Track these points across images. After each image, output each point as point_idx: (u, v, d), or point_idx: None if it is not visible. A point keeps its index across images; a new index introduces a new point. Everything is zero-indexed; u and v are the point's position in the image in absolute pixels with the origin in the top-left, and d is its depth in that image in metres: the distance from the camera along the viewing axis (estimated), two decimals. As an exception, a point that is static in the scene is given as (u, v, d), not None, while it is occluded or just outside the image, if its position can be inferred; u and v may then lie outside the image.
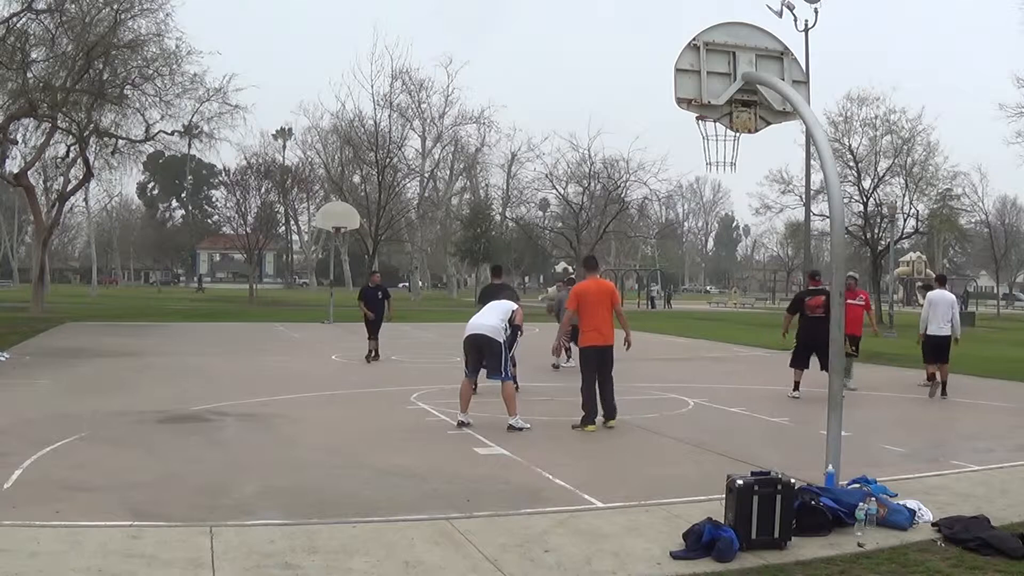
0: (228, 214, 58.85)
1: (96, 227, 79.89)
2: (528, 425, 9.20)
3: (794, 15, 22.17)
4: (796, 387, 12.11)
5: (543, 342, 14.88)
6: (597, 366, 9.44)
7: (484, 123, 53.55)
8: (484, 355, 9.36)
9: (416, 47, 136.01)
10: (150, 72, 31.43)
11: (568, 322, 10.06)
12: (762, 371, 16.56)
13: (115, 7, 29.62)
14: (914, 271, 60.70)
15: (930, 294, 12.91)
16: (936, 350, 12.38)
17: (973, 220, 51.08)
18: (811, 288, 12.62)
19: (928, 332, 12.40)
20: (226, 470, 7.26)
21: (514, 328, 9.69)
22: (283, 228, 77.01)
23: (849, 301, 12.21)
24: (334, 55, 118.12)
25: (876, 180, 36.64)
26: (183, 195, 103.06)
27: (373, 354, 16.64)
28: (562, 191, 48.63)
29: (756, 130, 7.52)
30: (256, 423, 9.67)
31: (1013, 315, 49.73)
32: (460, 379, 9.73)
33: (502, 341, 9.34)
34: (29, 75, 29.72)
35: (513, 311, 9.64)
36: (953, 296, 12.92)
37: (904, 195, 37.58)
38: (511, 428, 9.10)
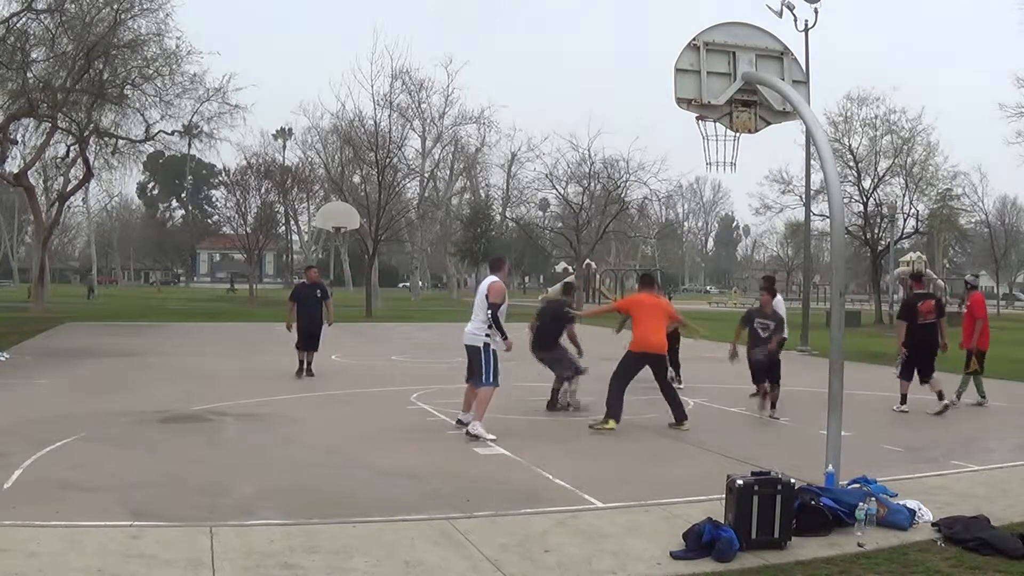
0: (228, 214, 58.85)
1: (96, 227, 79.85)
2: (492, 437, 8.54)
3: (794, 15, 22.09)
4: (903, 400, 11.20)
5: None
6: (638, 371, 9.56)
7: (484, 123, 53.54)
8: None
9: (416, 47, 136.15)
10: (150, 72, 31.46)
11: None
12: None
13: (115, 7, 29.64)
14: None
15: (780, 299, 12.06)
16: None
17: (973, 220, 51.20)
18: (917, 292, 11.82)
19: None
20: (226, 470, 7.26)
21: (491, 306, 8.85)
22: (283, 228, 77.02)
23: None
24: (334, 55, 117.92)
25: (876, 180, 36.68)
26: (183, 195, 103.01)
27: (305, 368, 13.94)
28: (562, 191, 48.63)
29: (756, 130, 7.53)
30: (256, 423, 9.67)
31: (1013, 315, 49.70)
32: (460, 379, 9.73)
33: (481, 345, 8.85)
34: (29, 75, 29.74)
35: (487, 292, 8.95)
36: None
37: (904, 195, 37.63)
38: (468, 434, 8.66)
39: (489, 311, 8.84)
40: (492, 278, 9.18)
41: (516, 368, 11.40)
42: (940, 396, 11.03)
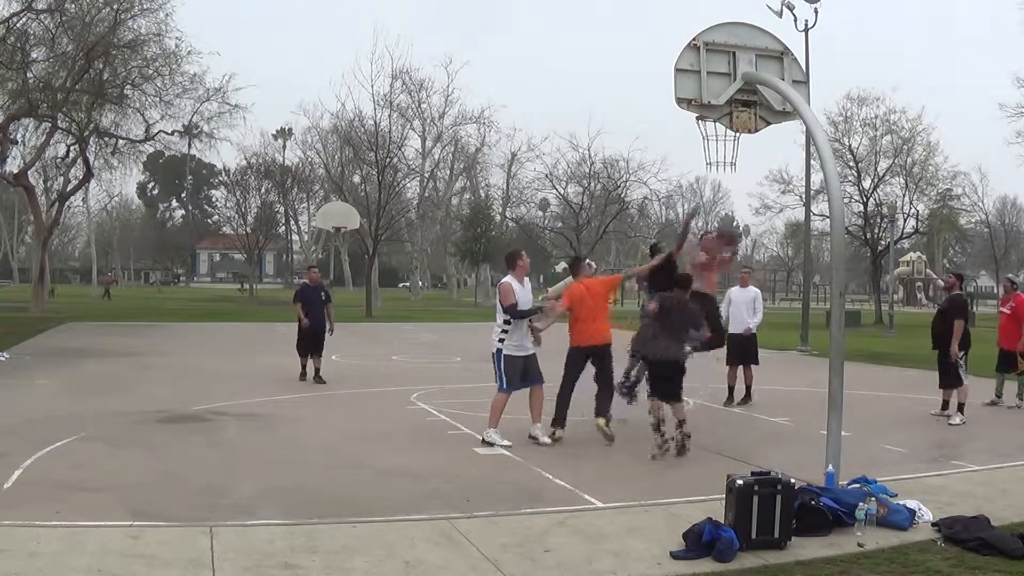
0: (228, 214, 59.16)
1: (96, 227, 79.89)
2: (506, 442, 8.37)
3: (794, 15, 22.11)
4: (950, 407, 10.62)
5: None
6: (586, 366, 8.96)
7: (484, 123, 53.49)
8: None
9: (416, 47, 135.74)
10: (150, 72, 31.46)
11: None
12: (762, 371, 16.54)
13: (115, 7, 29.65)
14: (914, 271, 60.71)
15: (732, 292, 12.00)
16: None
17: (973, 220, 51.21)
18: (958, 292, 11.29)
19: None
20: (226, 470, 7.26)
21: (507, 310, 8.49)
22: (283, 228, 77.11)
23: (999, 308, 11.91)
24: (334, 55, 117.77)
25: (876, 180, 36.70)
26: (183, 195, 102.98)
27: (314, 373, 13.42)
28: (562, 191, 48.67)
29: (756, 130, 7.53)
30: (256, 423, 9.67)
31: (1013, 315, 49.61)
32: (460, 379, 9.71)
33: (494, 351, 8.63)
34: (29, 75, 29.75)
35: (499, 297, 8.63)
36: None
37: (904, 195, 37.64)
38: (484, 441, 8.48)
39: (509, 315, 8.48)
40: (504, 279, 8.82)
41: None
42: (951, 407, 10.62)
